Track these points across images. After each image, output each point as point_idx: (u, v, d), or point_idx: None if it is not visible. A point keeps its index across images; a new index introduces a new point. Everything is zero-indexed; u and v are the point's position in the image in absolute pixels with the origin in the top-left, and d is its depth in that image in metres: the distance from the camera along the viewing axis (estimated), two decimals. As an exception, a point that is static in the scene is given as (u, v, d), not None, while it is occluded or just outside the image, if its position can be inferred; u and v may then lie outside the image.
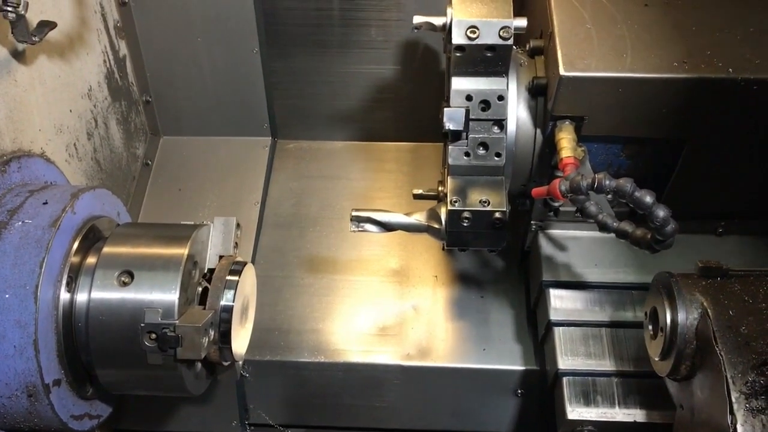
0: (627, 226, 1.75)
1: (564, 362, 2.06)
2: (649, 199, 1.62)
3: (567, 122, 1.92)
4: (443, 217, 1.97)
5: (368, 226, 2.02)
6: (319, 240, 2.66)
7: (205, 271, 1.89)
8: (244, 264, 1.91)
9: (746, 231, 2.21)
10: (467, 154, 1.97)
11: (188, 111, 2.81)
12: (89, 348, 1.74)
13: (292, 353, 2.38)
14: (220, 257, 1.92)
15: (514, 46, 2.02)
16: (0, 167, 1.79)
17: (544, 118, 1.98)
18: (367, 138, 2.96)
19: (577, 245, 2.21)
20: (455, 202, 1.93)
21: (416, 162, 2.90)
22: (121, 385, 1.85)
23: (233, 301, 1.82)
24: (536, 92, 2.00)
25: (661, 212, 1.62)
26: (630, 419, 2.00)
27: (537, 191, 1.86)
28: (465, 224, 1.94)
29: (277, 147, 2.93)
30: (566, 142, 1.87)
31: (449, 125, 1.90)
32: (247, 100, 2.78)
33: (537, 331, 2.30)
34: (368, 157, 2.92)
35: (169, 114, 2.82)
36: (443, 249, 2.08)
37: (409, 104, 2.84)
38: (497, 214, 1.92)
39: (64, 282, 1.73)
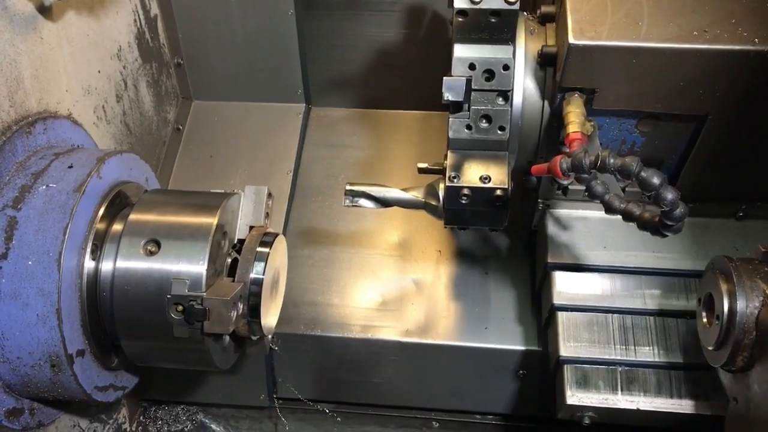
0: (635, 208, 1.63)
1: (566, 349, 1.97)
2: (656, 179, 1.50)
3: (576, 95, 1.80)
4: (441, 193, 1.87)
5: (363, 202, 1.94)
6: (321, 210, 2.58)
7: (235, 241, 1.83)
8: (276, 235, 1.84)
9: None
10: (469, 127, 1.86)
11: (221, 75, 2.74)
12: (114, 319, 1.69)
13: (288, 326, 2.31)
14: (251, 228, 1.85)
15: (524, 12, 1.91)
16: (25, 128, 1.73)
17: (553, 89, 1.87)
18: (375, 105, 2.84)
19: (586, 226, 2.10)
20: (454, 177, 1.83)
21: (427, 132, 2.79)
22: (146, 357, 1.80)
23: (263, 274, 1.75)
24: (545, 62, 1.87)
25: (670, 195, 1.51)
26: (633, 407, 1.91)
27: (537, 168, 1.76)
28: (464, 201, 1.84)
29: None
30: (574, 116, 1.76)
31: (448, 95, 1.79)
32: (281, 65, 2.69)
33: (541, 311, 2.21)
34: (375, 125, 2.81)
35: (201, 77, 2.75)
36: (445, 226, 2.01)
37: (420, 71, 2.71)
38: (498, 192, 1.82)
39: (88, 249, 1.68)
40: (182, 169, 2.65)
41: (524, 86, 1.89)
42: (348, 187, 1.94)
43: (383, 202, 1.95)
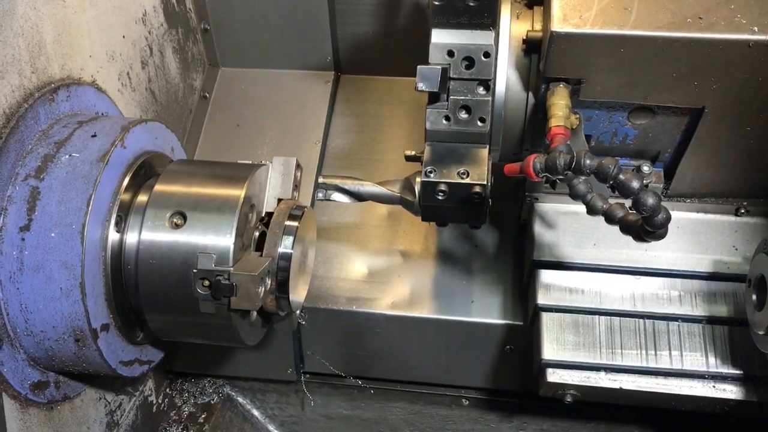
0: (618, 210, 1.52)
1: (549, 352, 1.88)
2: (635, 184, 1.41)
3: (561, 85, 1.70)
4: (417, 188, 1.78)
5: (336, 195, 1.87)
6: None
7: (263, 215, 1.77)
8: (305, 208, 1.77)
9: None
10: (447, 118, 1.76)
11: (248, 41, 2.66)
12: (139, 293, 1.64)
13: None
14: (279, 200, 1.79)
15: None
16: (48, 95, 1.68)
17: (537, 78, 1.76)
18: (408, 73, 2.69)
19: (576, 221, 1.98)
20: (430, 172, 1.74)
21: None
22: (171, 332, 1.77)
23: (292, 249, 1.69)
24: (530, 49, 1.77)
25: (650, 199, 1.42)
26: (615, 385, 1.84)
27: (510, 168, 1.66)
28: (440, 197, 1.75)
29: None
30: (557, 108, 1.65)
31: (421, 85, 1.68)
32: (311, 31, 2.60)
33: (527, 307, 2.12)
34: (407, 94, 2.68)
35: (229, 44, 2.67)
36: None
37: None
38: (476, 188, 1.72)
39: (112, 221, 1.63)
40: (209, 138, 2.58)
41: (507, 75, 1.79)
42: (321, 180, 1.87)
43: (357, 197, 1.88)
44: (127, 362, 1.74)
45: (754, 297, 1.68)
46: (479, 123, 1.76)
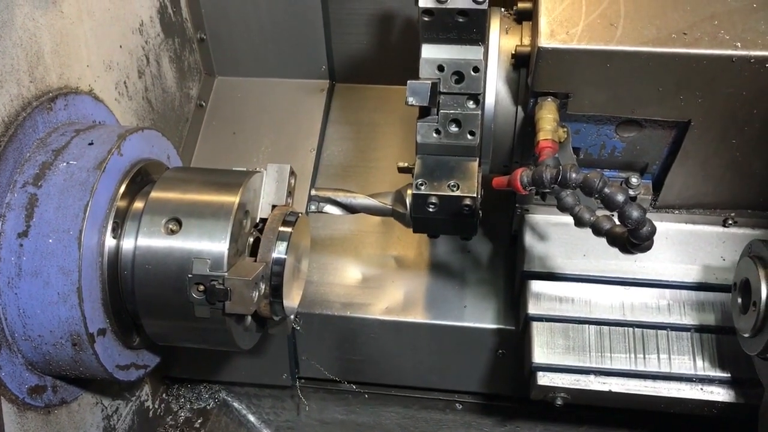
0: (605, 222, 1.54)
1: (539, 356, 1.91)
2: (620, 197, 1.44)
3: (549, 99, 1.72)
4: (408, 200, 1.82)
5: (329, 208, 1.92)
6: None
7: (257, 221, 1.80)
8: (298, 215, 1.80)
9: (758, 224, 1.97)
10: (438, 132, 1.80)
11: (244, 50, 2.69)
12: (135, 298, 1.67)
13: None
14: (273, 207, 1.82)
15: (501, 9, 1.84)
16: (46, 104, 1.71)
17: (526, 92, 1.79)
18: (402, 82, 2.73)
19: (565, 232, 2.01)
20: (421, 185, 1.78)
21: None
22: (167, 336, 1.79)
23: (286, 254, 1.72)
24: (519, 63, 1.80)
25: (635, 212, 1.44)
26: (605, 388, 1.87)
27: (498, 181, 1.68)
28: (431, 210, 1.78)
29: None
30: (546, 122, 1.68)
31: (412, 99, 1.71)
32: (305, 40, 2.64)
33: (519, 316, 2.15)
34: (401, 103, 2.69)
35: (225, 53, 2.71)
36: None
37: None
38: (467, 201, 1.76)
39: (109, 227, 1.66)
40: (205, 146, 2.61)
41: (497, 89, 1.82)
42: (313, 193, 1.91)
43: (349, 209, 1.92)
44: (124, 366, 1.76)
45: (739, 300, 1.71)
46: (469, 136, 1.79)
